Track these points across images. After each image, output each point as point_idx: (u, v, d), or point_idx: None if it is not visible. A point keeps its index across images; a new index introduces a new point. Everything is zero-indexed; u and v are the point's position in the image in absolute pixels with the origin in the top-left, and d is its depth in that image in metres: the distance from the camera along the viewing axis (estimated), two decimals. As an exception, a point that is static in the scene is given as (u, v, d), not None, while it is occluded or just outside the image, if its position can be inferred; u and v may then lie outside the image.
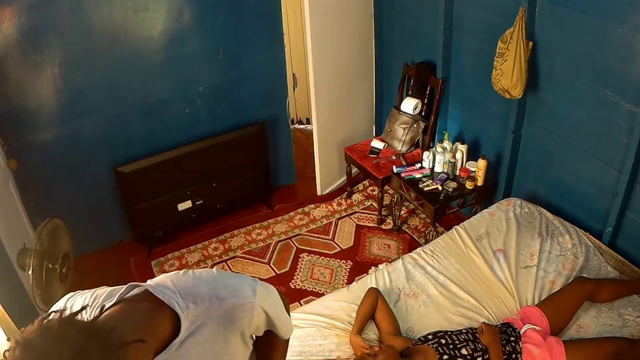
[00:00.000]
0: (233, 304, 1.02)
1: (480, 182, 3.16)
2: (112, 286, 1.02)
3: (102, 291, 1.00)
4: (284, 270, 3.34)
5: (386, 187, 3.70)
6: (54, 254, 2.18)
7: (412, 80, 3.55)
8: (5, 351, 0.78)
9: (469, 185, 3.15)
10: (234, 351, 1.09)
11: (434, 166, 3.30)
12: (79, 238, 2.61)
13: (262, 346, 1.30)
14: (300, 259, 3.42)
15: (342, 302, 2.47)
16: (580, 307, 2.31)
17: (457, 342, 2.10)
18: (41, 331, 0.78)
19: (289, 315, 1.29)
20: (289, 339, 1.34)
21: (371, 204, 3.88)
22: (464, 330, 2.17)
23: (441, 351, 2.06)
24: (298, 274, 3.31)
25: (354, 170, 3.88)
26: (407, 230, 3.63)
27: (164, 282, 1.00)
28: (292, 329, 1.30)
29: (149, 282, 1.01)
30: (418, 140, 3.61)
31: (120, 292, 0.98)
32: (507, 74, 2.70)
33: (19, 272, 2.25)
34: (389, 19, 3.74)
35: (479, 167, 3.13)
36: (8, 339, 0.83)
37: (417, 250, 2.75)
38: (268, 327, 1.18)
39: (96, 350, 0.78)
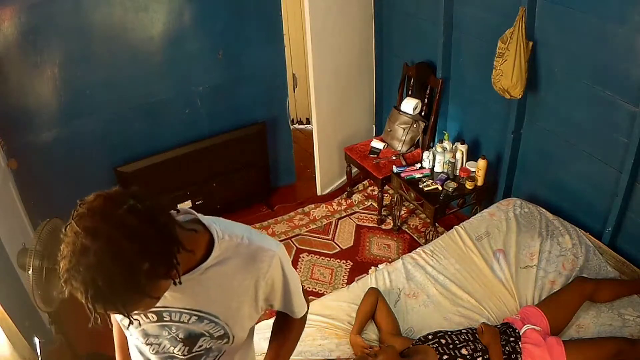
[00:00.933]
0: (259, 247, 1.15)
1: (480, 182, 3.16)
2: None
3: None
4: (284, 270, 3.33)
5: (386, 187, 3.70)
6: (54, 254, 2.18)
7: (412, 80, 3.55)
8: (80, 202, 0.90)
9: (469, 185, 3.15)
10: (244, 298, 1.15)
11: (434, 166, 3.30)
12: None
13: (277, 327, 1.37)
14: (300, 259, 3.42)
15: (342, 302, 2.47)
16: (580, 307, 2.31)
17: (457, 342, 2.10)
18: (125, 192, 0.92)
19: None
20: (304, 321, 1.40)
21: (371, 204, 3.88)
22: (464, 331, 2.18)
23: (441, 351, 2.06)
24: (298, 274, 3.30)
25: (354, 170, 3.88)
26: (407, 230, 3.63)
27: (207, 217, 1.15)
28: (305, 306, 1.35)
29: None
30: (418, 140, 3.61)
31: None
32: (507, 74, 2.70)
33: (19, 272, 2.25)
34: (389, 19, 3.74)
35: (479, 167, 3.13)
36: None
37: (417, 250, 2.75)
38: (283, 296, 1.23)
39: (164, 216, 0.93)
